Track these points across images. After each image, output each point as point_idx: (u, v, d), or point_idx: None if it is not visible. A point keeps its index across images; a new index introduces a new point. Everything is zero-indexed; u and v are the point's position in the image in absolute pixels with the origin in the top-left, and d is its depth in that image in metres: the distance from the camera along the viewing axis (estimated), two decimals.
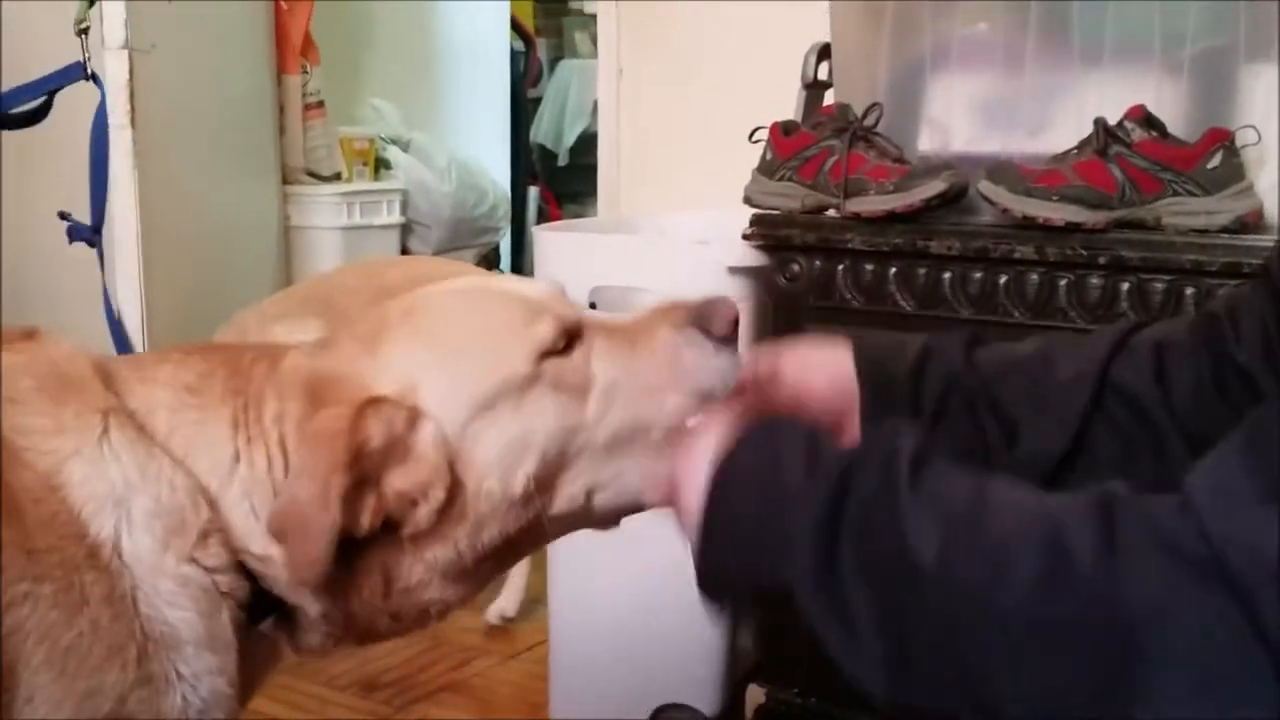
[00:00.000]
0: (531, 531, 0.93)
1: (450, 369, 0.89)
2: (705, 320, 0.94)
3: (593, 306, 1.88)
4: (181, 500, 0.82)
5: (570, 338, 0.92)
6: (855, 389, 0.98)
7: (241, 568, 0.85)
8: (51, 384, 0.82)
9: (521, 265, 4.13)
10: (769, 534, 0.77)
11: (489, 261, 3.88)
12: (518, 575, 2.51)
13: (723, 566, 0.82)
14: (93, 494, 0.79)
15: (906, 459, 0.74)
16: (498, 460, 0.88)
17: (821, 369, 0.98)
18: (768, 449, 0.80)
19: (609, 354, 0.93)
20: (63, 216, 2.08)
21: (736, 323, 0.95)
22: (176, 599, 0.82)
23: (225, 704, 0.86)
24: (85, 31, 2.04)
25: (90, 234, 2.07)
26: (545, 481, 0.91)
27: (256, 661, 0.90)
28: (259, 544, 0.85)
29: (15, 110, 2.01)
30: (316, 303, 2.12)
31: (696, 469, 0.82)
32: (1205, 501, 0.63)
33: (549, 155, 4.66)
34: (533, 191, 4.36)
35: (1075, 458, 0.95)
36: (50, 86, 2.05)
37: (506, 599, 2.50)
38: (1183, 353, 0.96)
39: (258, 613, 0.87)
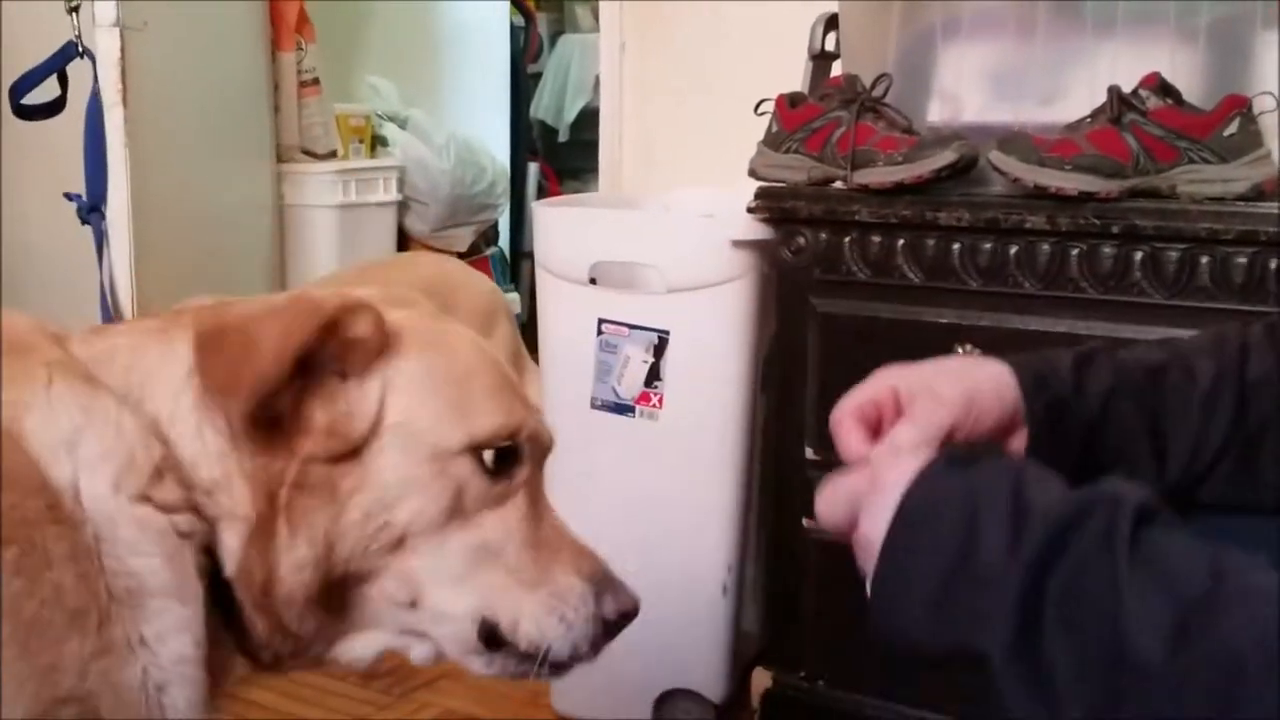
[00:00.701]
0: (342, 603, 0.89)
1: (439, 383, 0.89)
2: (603, 592, 0.95)
3: (593, 282, 1.84)
4: (130, 439, 0.80)
5: (514, 463, 0.91)
6: (1018, 402, 0.90)
7: (193, 509, 0.83)
8: (5, 349, 0.81)
9: (520, 242, 4.09)
10: (963, 593, 0.70)
11: (488, 238, 3.84)
12: None
13: (904, 620, 0.74)
14: (47, 442, 0.78)
15: (1130, 520, 0.66)
16: (394, 483, 0.86)
17: (989, 389, 0.89)
18: (965, 484, 0.73)
19: (518, 515, 0.92)
20: (69, 197, 2.06)
21: (627, 621, 0.97)
22: (138, 545, 0.79)
23: (190, 673, 0.82)
24: (76, 9, 2.01)
25: (88, 212, 2.06)
26: (391, 548, 0.87)
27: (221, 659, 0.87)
28: (206, 471, 0.83)
29: (30, 102, 2.00)
30: None
31: (885, 497, 0.75)
32: None
33: (549, 131, 4.61)
34: (533, 168, 4.31)
35: (1220, 461, 0.91)
36: (50, 70, 2.03)
37: None
38: None
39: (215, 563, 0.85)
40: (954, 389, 0.87)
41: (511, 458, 0.91)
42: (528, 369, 2.42)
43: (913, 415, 0.85)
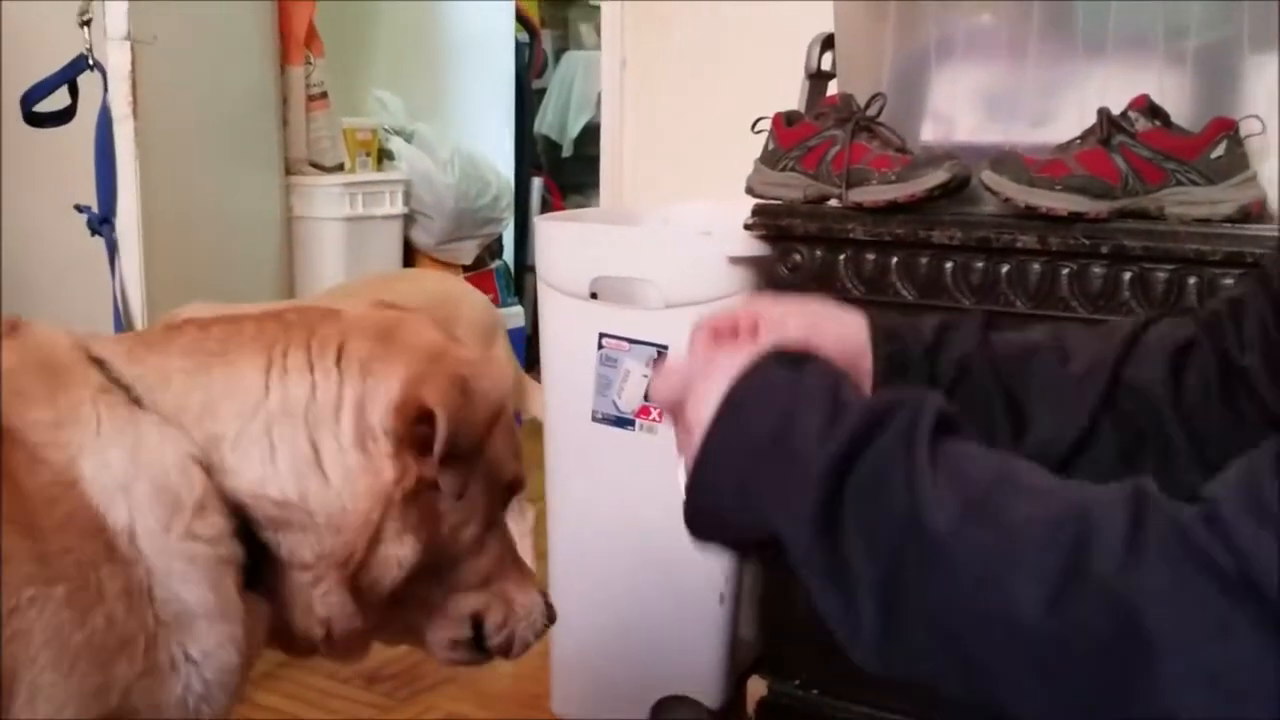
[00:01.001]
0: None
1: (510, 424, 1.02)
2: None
3: (594, 297, 1.88)
4: (174, 477, 0.83)
5: (513, 496, 1.04)
6: (867, 358, 0.93)
7: (235, 533, 0.86)
8: (45, 375, 0.83)
9: (524, 256, 4.13)
10: (773, 471, 0.72)
11: (492, 252, 3.88)
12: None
13: (716, 497, 0.76)
14: (104, 485, 0.80)
15: (930, 421, 0.70)
16: (470, 506, 0.96)
17: (832, 331, 0.93)
18: (790, 376, 0.75)
19: (505, 534, 1.03)
20: (80, 209, 2.10)
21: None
22: (187, 576, 0.83)
23: (231, 679, 0.87)
24: (88, 23, 2.05)
25: (99, 224, 2.09)
26: (454, 560, 0.98)
27: (254, 632, 0.92)
28: (276, 489, 0.87)
29: (40, 110, 2.04)
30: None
31: (713, 383, 0.76)
32: (1233, 515, 0.60)
33: (553, 147, 4.65)
34: (536, 183, 4.35)
35: (1081, 452, 0.93)
36: (62, 80, 2.07)
37: None
38: (1192, 352, 0.93)
39: (251, 578, 0.89)
40: (798, 327, 0.91)
41: (516, 492, 1.03)
42: (528, 386, 2.46)
43: (757, 340, 0.88)
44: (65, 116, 2.10)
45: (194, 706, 0.85)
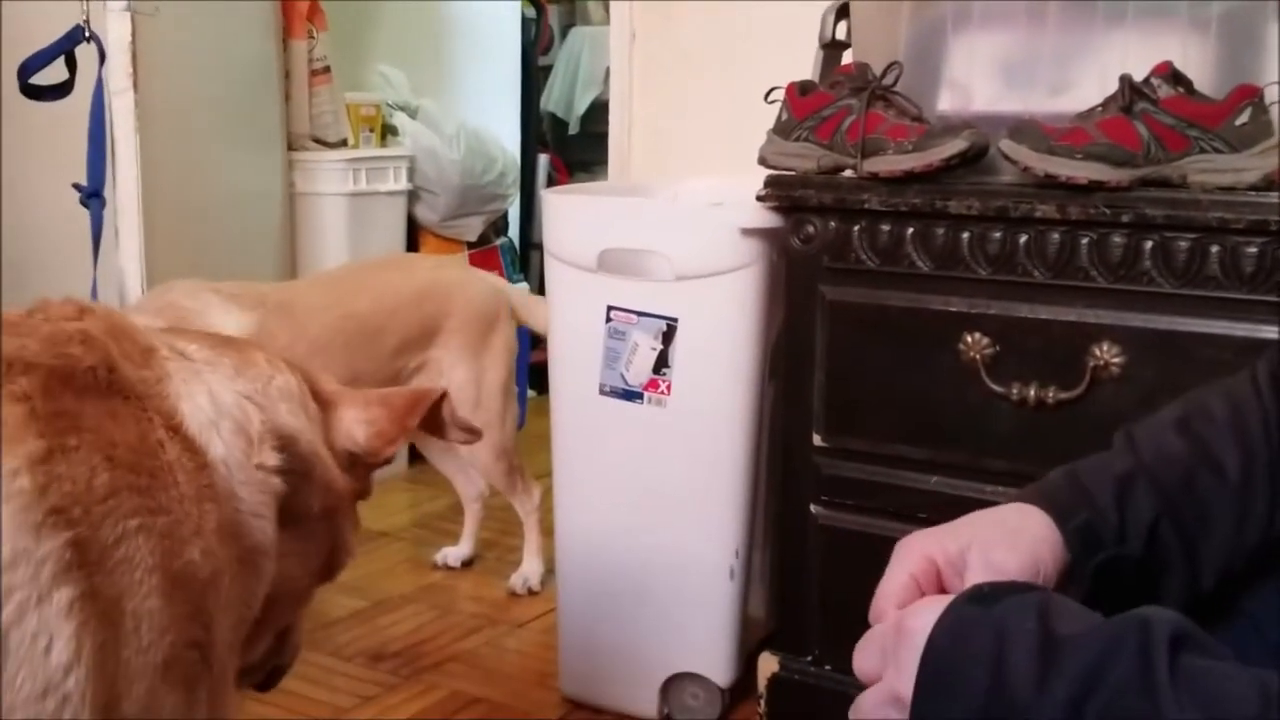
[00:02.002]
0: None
1: None
2: None
3: (601, 269, 1.85)
4: (240, 414, 0.93)
5: None
6: (1049, 546, 0.84)
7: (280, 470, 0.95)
8: (134, 343, 0.91)
9: (530, 233, 4.10)
10: None
11: (498, 229, 3.85)
12: (534, 545, 2.50)
13: None
14: (200, 424, 0.90)
15: (1165, 642, 0.63)
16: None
17: (1040, 543, 0.83)
18: (985, 615, 0.69)
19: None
20: (77, 188, 2.07)
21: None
22: (261, 510, 0.92)
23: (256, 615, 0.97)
24: None
25: (88, 197, 2.06)
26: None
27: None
28: (305, 437, 0.99)
29: (37, 83, 2.01)
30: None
31: (909, 651, 0.71)
32: None
33: (560, 124, 4.61)
34: (543, 159, 4.31)
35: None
36: (58, 51, 2.04)
37: (530, 567, 2.50)
38: None
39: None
40: (1016, 557, 0.81)
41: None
42: (533, 303, 2.51)
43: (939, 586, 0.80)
44: (63, 90, 2.07)
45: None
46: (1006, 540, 0.83)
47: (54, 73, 2.05)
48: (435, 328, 2.36)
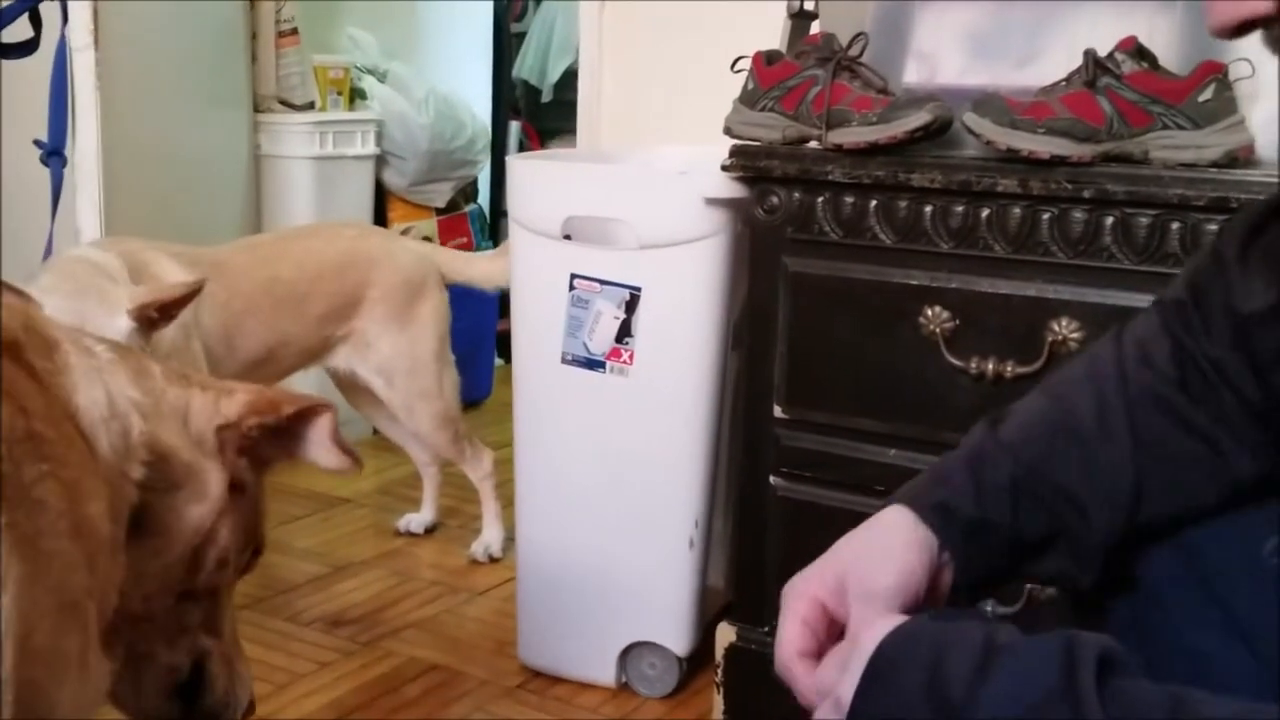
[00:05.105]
0: None
1: None
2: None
3: (566, 238, 1.84)
4: (131, 418, 0.94)
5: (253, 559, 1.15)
6: (934, 544, 0.87)
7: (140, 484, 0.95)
8: (37, 336, 0.93)
9: (500, 199, 4.06)
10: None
11: (467, 195, 3.82)
12: (492, 512, 2.50)
13: None
14: (93, 419, 0.91)
15: (1093, 663, 0.67)
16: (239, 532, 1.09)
17: (910, 553, 0.86)
18: (933, 633, 0.73)
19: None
20: (39, 144, 2.05)
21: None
22: (117, 513, 0.91)
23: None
24: None
25: (48, 155, 2.04)
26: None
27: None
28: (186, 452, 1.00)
29: (2, 41, 1.98)
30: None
31: (858, 663, 0.74)
32: None
33: (533, 91, 4.57)
34: (514, 126, 4.28)
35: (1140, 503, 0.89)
36: (22, 9, 2.00)
37: (491, 535, 2.50)
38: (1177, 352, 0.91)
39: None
40: (888, 572, 0.85)
41: (255, 557, 1.13)
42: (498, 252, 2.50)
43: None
44: (28, 48, 2.04)
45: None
46: (876, 557, 0.86)
47: (19, 30, 2.02)
48: (359, 296, 2.36)
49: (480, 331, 3.46)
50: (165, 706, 1.08)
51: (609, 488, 1.87)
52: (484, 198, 4.05)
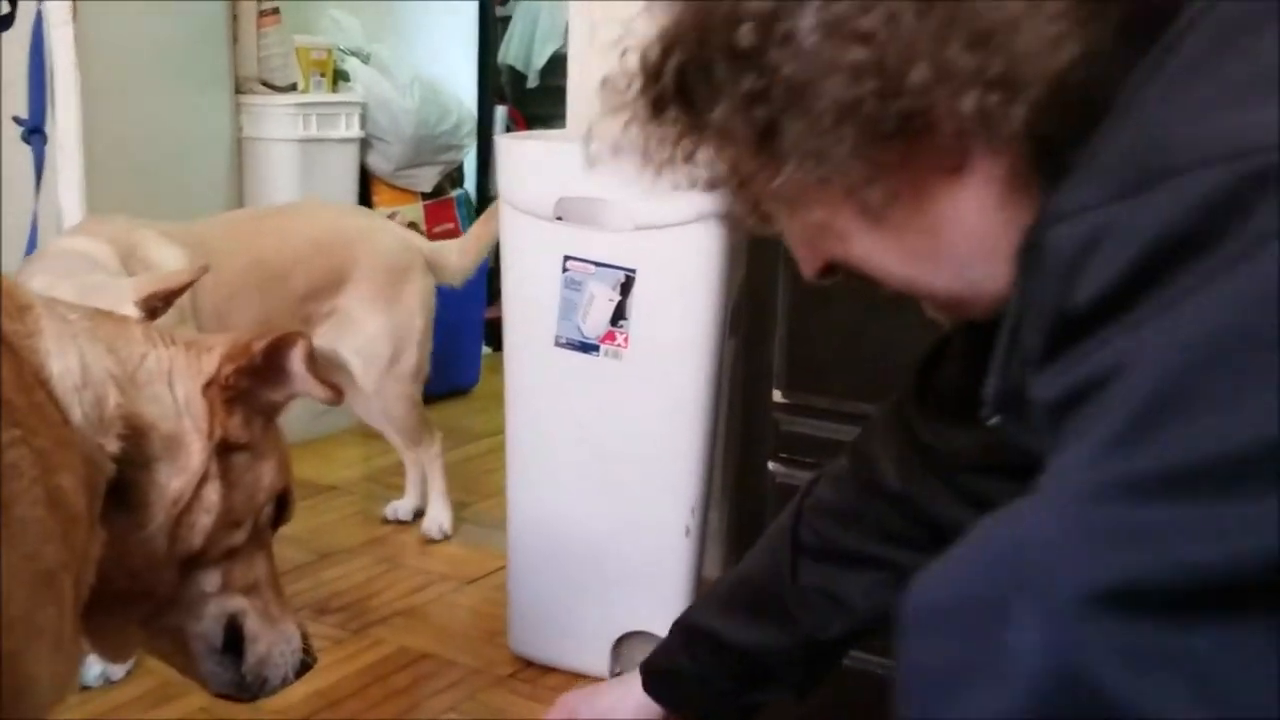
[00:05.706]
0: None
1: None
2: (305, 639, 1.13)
3: (558, 219, 1.80)
4: (106, 389, 0.93)
5: (283, 512, 1.13)
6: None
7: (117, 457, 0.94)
8: (9, 299, 0.92)
9: (487, 184, 4.03)
10: None
11: (453, 180, 3.78)
12: (439, 488, 2.51)
13: None
14: (66, 386, 0.90)
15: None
16: (254, 486, 1.07)
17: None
18: None
19: (269, 555, 1.12)
20: (18, 121, 2.02)
21: (309, 668, 1.13)
22: (94, 484, 0.90)
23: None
24: None
25: (29, 133, 2.01)
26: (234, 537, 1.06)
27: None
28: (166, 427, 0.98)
29: None
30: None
31: None
32: None
33: (519, 76, 4.53)
34: (500, 111, 4.24)
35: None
36: None
37: (440, 513, 2.50)
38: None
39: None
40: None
41: (284, 509, 1.10)
42: (446, 248, 2.52)
43: None
44: (5, 23, 2.01)
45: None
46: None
47: None
48: (341, 275, 2.35)
49: (468, 318, 3.42)
50: (218, 672, 1.07)
51: (603, 474, 1.84)
52: (470, 183, 4.01)
